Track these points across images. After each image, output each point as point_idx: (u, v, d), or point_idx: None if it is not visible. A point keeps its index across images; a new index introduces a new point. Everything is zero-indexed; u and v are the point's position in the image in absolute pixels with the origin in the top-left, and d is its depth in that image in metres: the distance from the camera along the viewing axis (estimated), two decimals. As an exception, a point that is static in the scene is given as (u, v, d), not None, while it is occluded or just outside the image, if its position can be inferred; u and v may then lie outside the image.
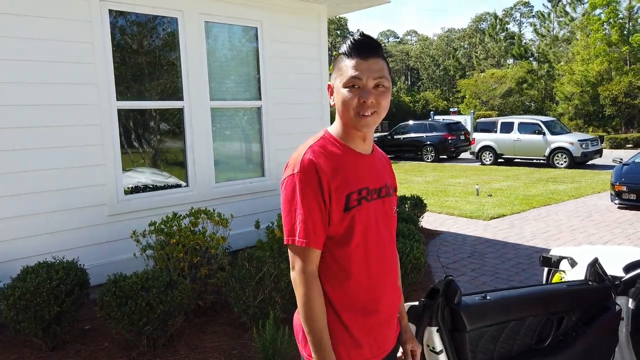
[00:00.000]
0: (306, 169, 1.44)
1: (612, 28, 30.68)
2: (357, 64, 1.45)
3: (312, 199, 1.43)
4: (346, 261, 1.48)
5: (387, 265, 1.58)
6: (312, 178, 1.43)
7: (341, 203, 1.45)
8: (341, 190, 1.46)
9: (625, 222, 7.72)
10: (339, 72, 1.49)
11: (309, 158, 1.45)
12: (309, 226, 1.43)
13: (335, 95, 1.52)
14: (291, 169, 1.47)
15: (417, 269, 4.36)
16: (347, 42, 1.49)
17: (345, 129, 1.54)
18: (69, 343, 3.66)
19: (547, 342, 2.22)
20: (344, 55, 1.49)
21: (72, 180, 4.41)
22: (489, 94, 36.08)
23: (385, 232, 1.58)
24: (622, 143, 23.18)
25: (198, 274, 4.06)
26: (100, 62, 4.51)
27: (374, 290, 1.53)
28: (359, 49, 1.46)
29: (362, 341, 1.50)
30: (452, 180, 13.47)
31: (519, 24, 60.86)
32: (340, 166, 1.48)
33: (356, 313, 1.50)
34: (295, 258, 1.46)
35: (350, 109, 1.47)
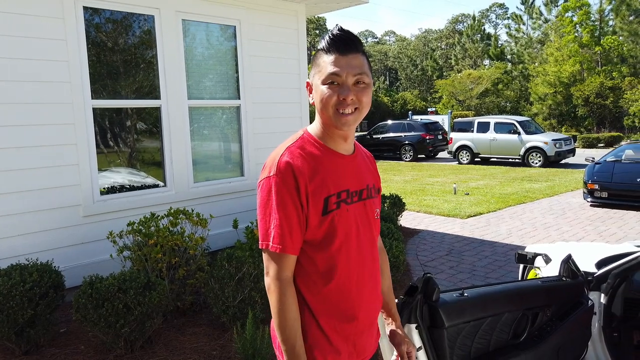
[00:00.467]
0: (283, 171, 1.38)
1: (584, 30, 31.45)
2: (335, 59, 1.40)
3: (288, 202, 1.37)
4: (325, 266, 1.43)
5: (368, 270, 1.52)
6: (288, 181, 1.37)
7: (319, 207, 1.40)
8: (319, 193, 1.40)
9: (597, 220, 7.92)
10: (317, 68, 1.44)
11: (286, 160, 1.39)
12: (284, 231, 1.37)
13: (314, 93, 1.46)
14: (267, 170, 1.41)
15: (396, 267, 4.39)
16: (325, 37, 1.43)
17: (325, 128, 1.48)
18: (44, 347, 3.58)
19: (523, 337, 2.26)
20: (322, 51, 1.43)
21: (45, 180, 4.31)
22: (466, 94, 36.58)
23: (366, 236, 1.52)
24: (594, 142, 23.77)
25: (176, 275, 4.02)
26: (74, 60, 4.42)
27: (353, 296, 1.47)
28: (337, 44, 1.40)
29: (340, 348, 1.46)
30: (430, 179, 13.62)
31: (494, 25, 61.83)
32: (318, 168, 1.42)
33: (335, 319, 1.45)
34: (269, 263, 1.41)
35: (330, 107, 1.41)
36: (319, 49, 1.45)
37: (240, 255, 3.95)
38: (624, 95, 27.40)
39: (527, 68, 37.21)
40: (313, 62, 1.47)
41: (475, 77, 36.77)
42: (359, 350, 1.52)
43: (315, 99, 1.46)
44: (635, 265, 2.47)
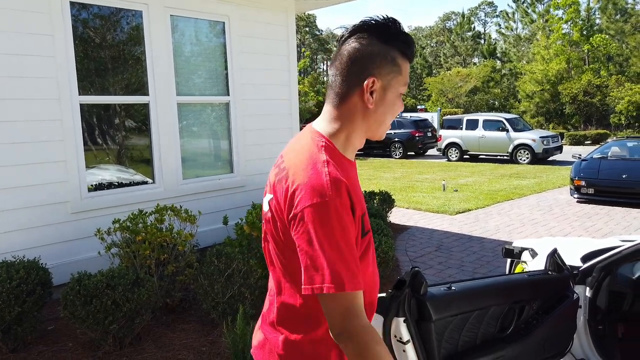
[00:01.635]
0: (339, 192, 1.11)
1: (574, 27, 31.75)
2: (409, 69, 1.28)
3: (351, 229, 1.13)
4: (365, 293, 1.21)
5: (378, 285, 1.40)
6: (346, 202, 1.12)
7: (359, 227, 1.18)
8: (358, 212, 1.17)
9: (584, 216, 8.02)
10: (399, 75, 1.23)
11: (336, 177, 1.13)
12: (353, 265, 1.12)
13: (384, 97, 1.23)
14: (318, 195, 1.10)
15: (385, 263, 4.42)
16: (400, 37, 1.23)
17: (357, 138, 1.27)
18: (32, 344, 3.56)
19: (509, 330, 2.29)
20: (403, 56, 1.23)
21: (31, 177, 4.26)
22: (455, 92, 36.78)
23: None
24: (581, 140, 24.06)
25: (165, 272, 4.00)
26: (60, 56, 4.38)
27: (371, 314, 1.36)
28: (412, 52, 1.26)
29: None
30: (420, 176, 13.69)
31: (483, 23, 62.17)
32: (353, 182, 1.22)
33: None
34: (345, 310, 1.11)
35: (393, 118, 1.29)
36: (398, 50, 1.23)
37: (230, 251, 3.95)
38: (611, 93, 27.74)
39: (516, 66, 37.51)
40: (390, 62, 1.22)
41: (464, 74, 36.98)
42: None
43: (382, 105, 1.24)
44: (619, 259, 2.51)
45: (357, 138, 1.27)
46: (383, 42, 1.21)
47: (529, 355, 2.34)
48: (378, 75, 1.21)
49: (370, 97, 1.21)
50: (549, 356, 2.45)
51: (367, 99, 1.21)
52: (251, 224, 4.28)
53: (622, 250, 2.47)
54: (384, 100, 1.23)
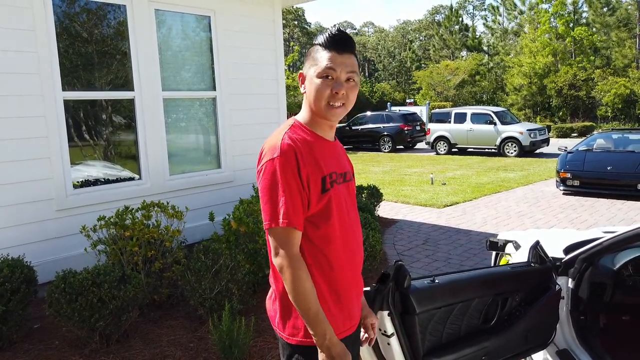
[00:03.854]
0: (286, 154, 1.48)
1: (560, 21, 31.96)
2: (333, 56, 1.53)
3: (292, 182, 1.48)
4: (326, 241, 1.56)
5: (358, 244, 1.70)
6: (291, 162, 1.48)
7: (318, 186, 1.53)
8: (317, 174, 1.52)
9: (569, 208, 8.12)
10: (314, 61, 1.56)
11: (288, 143, 1.51)
12: (289, 208, 1.47)
13: (307, 84, 1.58)
14: (270, 154, 1.51)
15: (372, 257, 4.44)
16: (325, 34, 1.56)
17: (314, 118, 1.61)
18: (17, 343, 3.53)
19: (493, 321, 2.32)
20: (320, 47, 1.55)
21: (15, 174, 4.22)
22: (444, 85, 36.89)
23: (353, 213, 1.69)
24: (567, 132, 24.29)
25: (152, 268, 3.99)
26: (43, 51, 4.32)
27: (349, 266, 1.63)
28: (336, 42, 1.54)
29: (337, 313, 1.60)
30: (408, 169, 13.74)
31: (471, 16, 62.34)
32: (312, 151, 1.55)
33: (332, 288, 1.59)
34: (279, 242, 1.50)
35: (323, 99, 1.54)
36: (316, 44, 1.58)
37: (217, 247, 3.94)
38: (597, 86, 28.01)
39: (503, 59, 37.70)
40: (309, 56, 1.59)
41: (452, 68, 37.09)
42: (351, 316, 1.66)
43: (308, 90, 1.58)
44: (600, 250, 2.55)
45: (313, 118, 1.61)
46: (316, 44, 1.58)
47: (513, 346, 2.38)
48: (304, 69, 1.61)
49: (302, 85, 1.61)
50: (532, 347, 2.48)
51: (300, 87, 1.63)
52: (238, 220, 4.28)
53: (603, 242, 2.50)
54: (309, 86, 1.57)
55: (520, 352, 2.43)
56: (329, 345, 1.50)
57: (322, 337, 1.50)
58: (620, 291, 2.77)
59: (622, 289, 2.78)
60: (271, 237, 1.52)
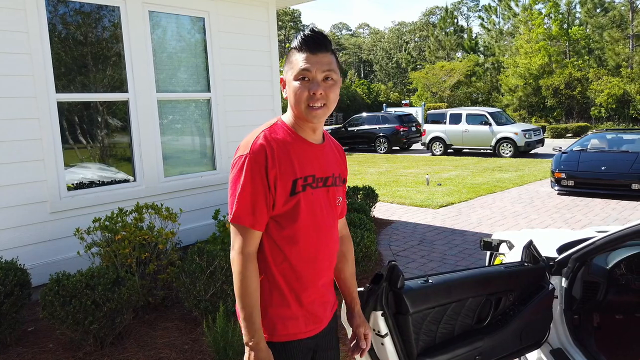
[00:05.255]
0: (255, 152, 1.50)
1: (554, 22, 32.11)
2: (307, 57, 1.52)
3: (257, 180, 1.49)
4: (289, 242, 1.56)
5: (326, 249, 1.66)
6: (260, 161, 1.49)
7: (287, 187, 1.52)
8: (288, 175, 1.52)
9: (563, 208, 8.15)
10: (290, 65, 1.56)
11: (261, 142, 1.51)
12: (250, 208, 1.49)
13: (287, 88, 1.58)
14: (242, 150, 1.53)
15: (367, 257, 4.44)
16: (297, 37, 1.56)
17: (297, 120, 1.60)
18: (11, 346, 3.51)
19: (487, 321, 2.32)
20: (295, 50, 1.55)
21: (8, 176, 4.20)
22: (439, 86, 36.98)
23: (327, 220, 1.65)
24: (562, 133, 24.38)
25: (147, 270, 3.98)
26: (36, 53, 4.31)
27: (312, 270, 1.62)
28: (308, 43, 1.53)
29: (297, 313, 1.61)
30: (404, 170, 13.76)
31: (466, 17, 62.55)
32: (289, 152, 1.54)
33: (294, 289, 1.59)
34: (236, 237, 1.53)
35: (302, 102, 1.53)
36: (291, 47, 1.58)
37: (212, 249, 3.93)
38: (591, 86, 28.14)
39: (499, 60, 37.83)
40: (286, 60, 1.58)
41: (448, 69, 37.19)
42: (314, 319, 1.66)
43: (288, 94, 1.58)
44: (593, 249, 2.56)
45: (295, 121, 1.61)
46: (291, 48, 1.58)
47: (507, 346, 2.38)
48: (284, 73, 1.61)
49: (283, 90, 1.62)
50: (526, 346, 2.49)
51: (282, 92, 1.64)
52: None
53: (595, 241, 2.51)
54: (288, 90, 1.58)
55: (514, 352, 2.43)
56: (255, 348, 1.51)
57: (250, 338, 1.51)
58: (613, 290, 2.78)
59: (615, 288, 2.79)
60: (231, 231, 1.55)
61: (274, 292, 1.58)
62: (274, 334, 1.58)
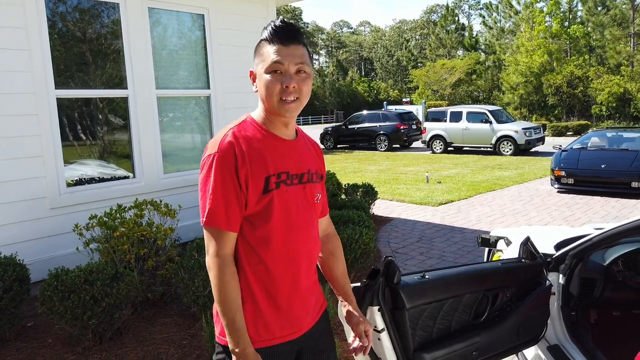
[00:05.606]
0: (224, 151, 1.44)
1: (555, 20, 32.06)
2: (278, 49, 1.46)
3: (227, 180, 1.43)
4: (263, 242, 1.49)
5: (306, 250, 1.58)
6: (229, 160, 1.43)
7: (259, 186, 1.45)
8: (260, 173, 1.46)
9: (563, 205, 8.15)
10: (261, 58, 1.50)
11: (229, 140, 1.46)
12: (222, 209, 1.43)
13: (257, 82, 1.52)
14: (210, 150, 1.46)
15: (366, 254, 4.45)
16: (267, 28, 1.49)
17: (268, 115, 1.54)
18: (10, 341, 3.52)
19: (483, 317, 2.33)
20: (265, 42, 1.49)
21: (7, 172, 4.20)
22: (440, 84, 36.95)
23: (304, 218, 1.57)
24: (563, 131, 24.36)
25: (146, 266, 3.99)
26: (35, 49, 4.30)
27: (289, 271, 1.53)
28: (279, 35, 1.46)
29: (270, 319, 1.52)
30: (404, 168, 13.76)
31: (467, 15, 62.44)
32: (260, 149, 1.48)
33: (268, 290, 1.51)
34: (209, 241, 1.46)
35: (274, 95, 1.47)
36: (261, 39, 1.51)
37: (211, 245, 3.93)
38: (591, 85, 28.11)
39: (500, 58, 37.78)
40: (256, 53, 1.52)
41: (449, 67, 37.15)
42: (292, 323, 1.56)
43: (259, 87, 1.51)
44: (590, 246, 2.56)
45: (267, 116, 1.55)
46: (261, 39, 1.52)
47: (504, 342, 2.39)
48: (253, 67, 1.54)
49: (254, 84, 1.55)
50: (523, 342, 2.49)
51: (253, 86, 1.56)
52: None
53: (592, 238, 2.51)
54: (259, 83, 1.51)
55: (512, 348, 2.44)
56: (242, 355, 1.43)
57: (235, 345, 1.43)
58: (611, 287, 2.79)
59: (612, 284, 2.79)
60: (205, 234, 1.48)
61: (246, 296, 1.50)
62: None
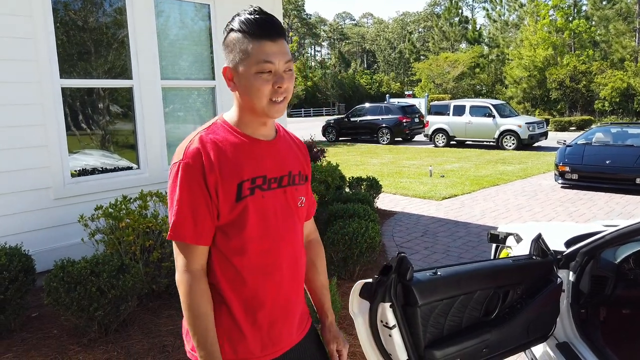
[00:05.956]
0: (190, 158, 1.31)
1: (559, 13, 31.87)
2: (268, 46, 1.31)
3: (195, 190, 1.30)
4: (238, 253, 1.37)
5: (285, 259, 1.44)
6: (196, 168, 1.30)
7: (231, 193, 1.33)
8: (231, 180, 1.33)
9: (567, 201, 8.12)
10: (244, 55, 1.32)
11: (196, 147, 1.33)
12: (189, 221, 1.31)
13: (239, 81, 1.35)
14: (176, 157, 1.34)
15: (372, 248, 4.43)
16: (247, 20, 1.32)
17: (245, 115, 1.40)
18: (15, 331, 3.52)
19: (494, 314, 2.31)
20: (248, 36, 1.32)
21: (12, 162, 4.17)
22: (443, 78, 36.80)
23: (285, 225, 1.44)
24: (566, 126, 24.29)
25: (151, 258, 3.97)
26: (40, 38, 4.26)
27: (270, 284, 1.41)
28: (266, 29, 1.32)
29: (250, 336, 1.40)
30: (407, 162, 13.73)
31: (471, 8, 62.07)
32: (231, 154, 1.35)
33: (245, 305, 1.39)
34: (177, 255, 1.34)
35: (263, 97, 1.33)
36: (241, 31, 1.33)
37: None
38: (595, 79, 27.99)
39: (503, 52, 37.61)
40: (235, 47, 1.34)
41: (452, 60, 36.99)
42: (274, 341, 1.44)
43: (242, 87, 1.35)
44: (602, 243, 2.54)
45: (246, 117, 1.40)
46: (237, 32, 1.34)
47: (513, 339, 2.37)
48: (230, 63, 1.36)
49: (232, 82, 1.38)
50: (533, 339, 2.48)
51: (229, 85, 1.39)
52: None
53: (605, 235, 2.49)
54: (240, 83, 1.35)
55: (521, 345, 2.43)
56: None
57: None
58: (622, 285, 2.77)
59: (623, 282, 2.77)
60: (174, 249, 1.36)
61: (222, 310, 1.37)
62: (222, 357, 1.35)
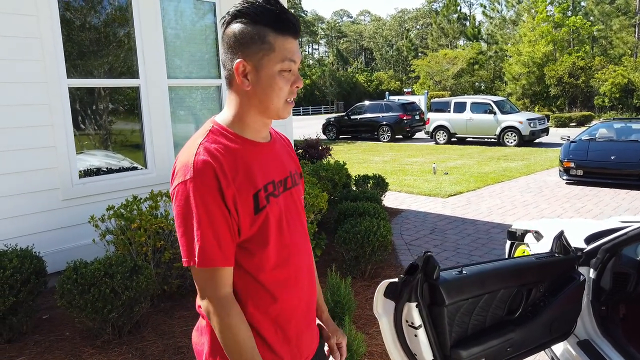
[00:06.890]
0: (201, 173, 1.16)
1: (557, 9, 31.86)
2: (292, 43, 1.22)
3: (213, 209, 1.16)
4: (263, 268, 1.26)
5: (304, 265, 1.38)
6: (209, 183, 1.16)
7: (250, 205, 1.21)
8: (248, 191, 1.21)
9: (574, 197, 8.11)
10: (272, 52, 1.20)
11: (203, 159, 1.17)
12: (214, 244, 1.17)
13: (258, 79, 1.22)
14: (182, 174, 1.18)
15: (384, 247, 4.40)
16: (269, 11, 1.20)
17: (252, 117, 1.28)
18: (27, 334, 3.48)
19: (518, 312, 2.29)
20: (272, 29, 1.20)
21: (20, 163, 4.14)
22: (442, 75, 36.77)
23: (297, 228, 1.37)
24: (566, 122, 24.29)
25: (162, 258, 3.94)
26: (47, 37, 4.22)
27: (295, 295, 1.33)
28: (291, 24, 1.21)
29: (282, 353, 1.32)
30: (409, 159, 13.70)
31: (469, 5, 62.01)
32: (240, 162, 1.22)
33: (277, 325, 1.31)
34: (204, 283, 1.20)
35: (281, 97, 1.24)
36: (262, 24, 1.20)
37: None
38: (595, 75, 27.99)
39: (502, 48, 37.59)
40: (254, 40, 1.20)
41: (451, 57, 36.95)
42: (301, 350, 1.38)
43: (261, 85, 1.23)
44: (624, 240, 2.52)
45: (251, 118, 1.28)
46: (253, 22, 1.21)
47: (537, 337, 2.35)
48: (247, 58, 1.21)
49: (245, 79, 1.23)
50: (555, 337, 2.46)
51: (241, 82, 1.23)
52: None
53: (628, 232, 2.47)
54: (260, 81, 1.23)
55: (543, 343, 2.41)
56: None
57: None
58: (643, 281, 2.75)
59: (644, 279, 2.75)
60: (194, 276, 1.22)
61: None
62: None
